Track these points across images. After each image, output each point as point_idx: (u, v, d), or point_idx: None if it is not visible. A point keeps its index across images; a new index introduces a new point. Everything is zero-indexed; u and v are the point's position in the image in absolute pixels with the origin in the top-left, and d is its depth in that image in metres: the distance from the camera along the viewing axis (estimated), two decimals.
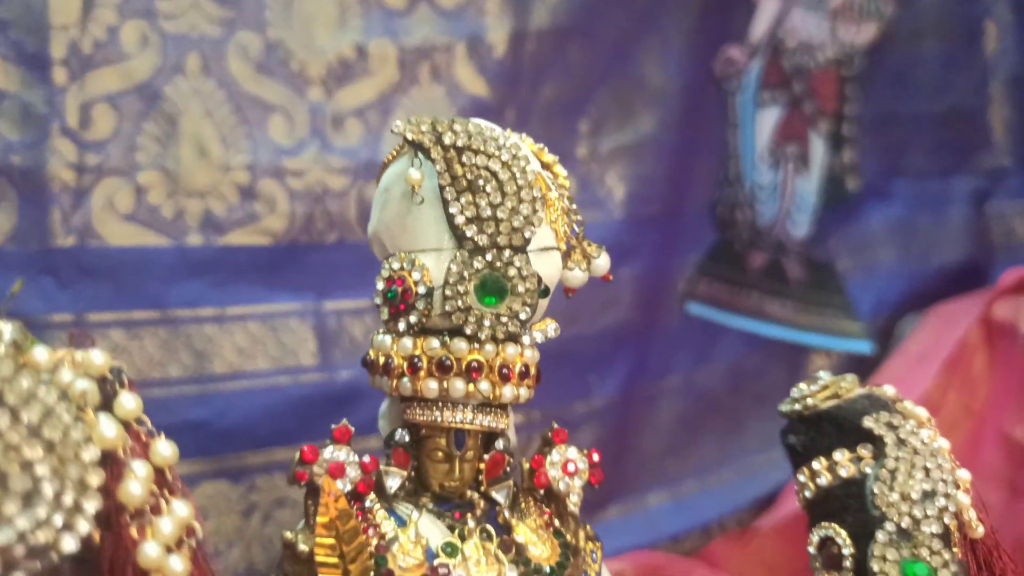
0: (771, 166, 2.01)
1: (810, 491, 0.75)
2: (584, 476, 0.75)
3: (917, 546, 0.68)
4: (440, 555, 0.68)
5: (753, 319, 1.99)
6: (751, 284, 1.99)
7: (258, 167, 1.47)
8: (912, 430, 0.73)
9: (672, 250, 1.89)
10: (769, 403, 2.07)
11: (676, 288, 1.91)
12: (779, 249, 2.03)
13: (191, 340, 1.44)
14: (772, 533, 1.77)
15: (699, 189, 1.92)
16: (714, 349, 1.95)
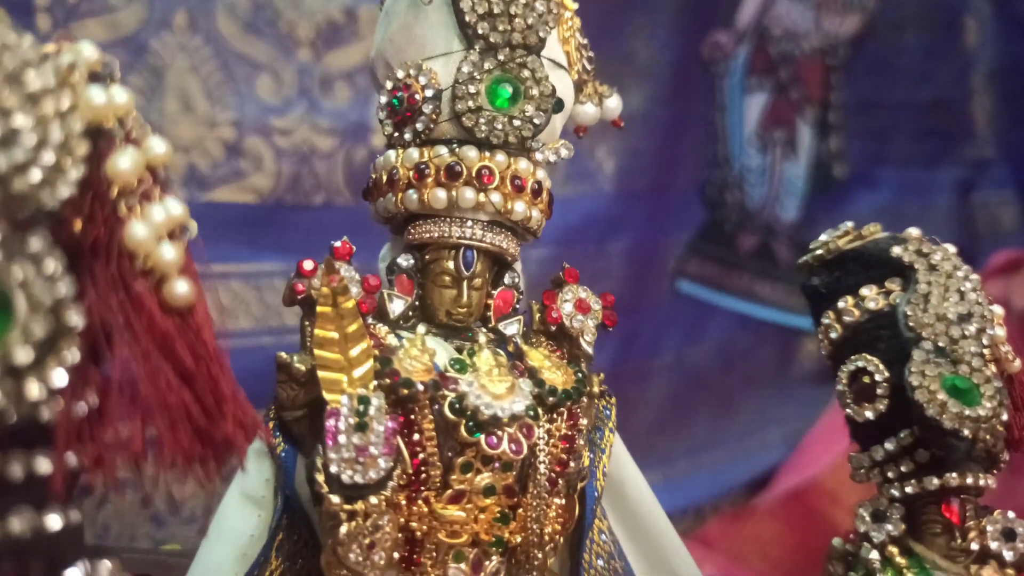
0: (759, 150, 2.01)
1: (836, 332, 0.71)
2: (598, 317, 0.71)
3: (956, 363, 0.64)
4: (448, 370, 0.63)
5: (744, 300, 1.97)
6: (741, 265, 1.97)
7: (244, 124, 1.44)
8: (944, 257, 0.69)
9: (662, 227, 1.88)
10: (760, 385, 2.05)
11: (666, 265, 1.88)
12: (769, 232, 2.02)
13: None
14: (767, 514, 1.72)
15: (688, 168, 1.91)
16: (705, 329, 1.92)
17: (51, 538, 0.38)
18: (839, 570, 0.66)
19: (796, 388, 2.00)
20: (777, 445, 1.91)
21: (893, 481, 0.65)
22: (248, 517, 0.66)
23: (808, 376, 2.02)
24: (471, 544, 0.63)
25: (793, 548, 1.65)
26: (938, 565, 0.63)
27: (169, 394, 0.40)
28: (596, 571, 0.73)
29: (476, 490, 0.62)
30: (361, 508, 0.57)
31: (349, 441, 0.56)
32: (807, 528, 1.62)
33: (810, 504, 1.69)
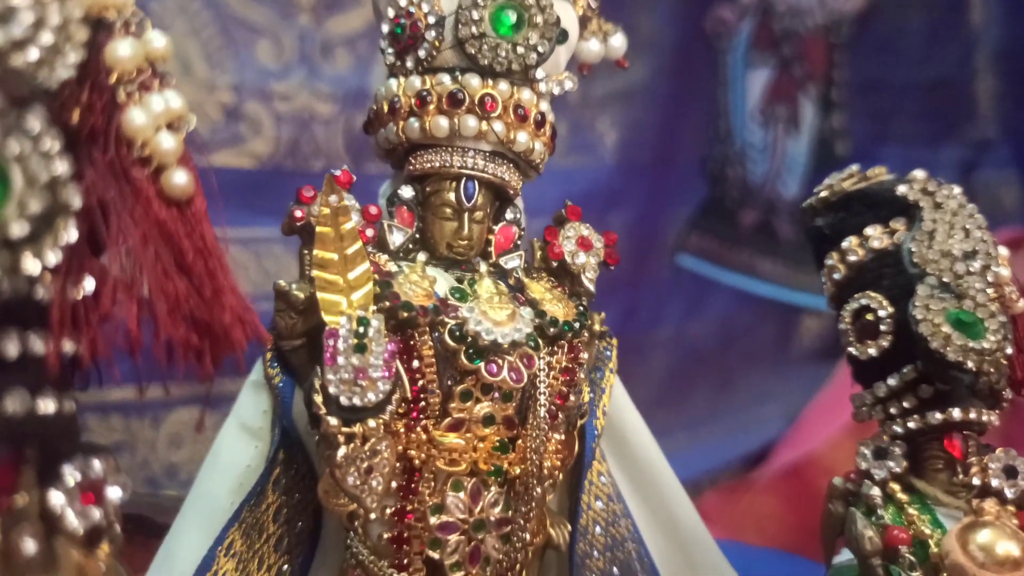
0: (761, 125, 2.00)
1: (840, 273, 0.70)
2: (600, 254, 0.70)
3: (961, 297, 0.64)
4: (449, 299, 0.62)
5: (744, 275, 1.97)
6: (742, 241, 1.96)
7: (244, 88, 1.43)
8: (949, 195, 0.69)
9: (663, 201, 1.87)
10: (759, 361, 2.04)
11: (667, 240, 1.88)
12: (770, 208, 2.01)
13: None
14: (764, 488, 1.72)
15: (690, 143, 1.91)
16: (705, 304, 1.92)
17: (45, 423, 0.38)
18: (839, 508, 0.66)
19: (795, 365, 1.99)
20: (775, 421, 1.91)
21: (895, 417, 0.65)
22: (245, 448, 0.66)
23: (807, 353, 2.01)
24: (469, 474, 0.62)
25: (790, 523, 1.64)
26: (939, 500, 0.62)
27: (167, 282, 0.39)
28: (595, 512, 0.72)
29: (475, 419, 0.62)
30: (359, 431, 0.56)
31: (348, 362, 0.56)
32: (804, 503, 1.61)
33: (807, 479, 1.68)
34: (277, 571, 0.66)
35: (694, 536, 0.76)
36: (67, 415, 0.39)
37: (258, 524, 0.65)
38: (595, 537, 0.71)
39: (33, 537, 0.37)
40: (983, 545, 0.58)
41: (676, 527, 0.76)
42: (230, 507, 0.63)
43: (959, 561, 0.57)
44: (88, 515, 0.41)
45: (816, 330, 2.02)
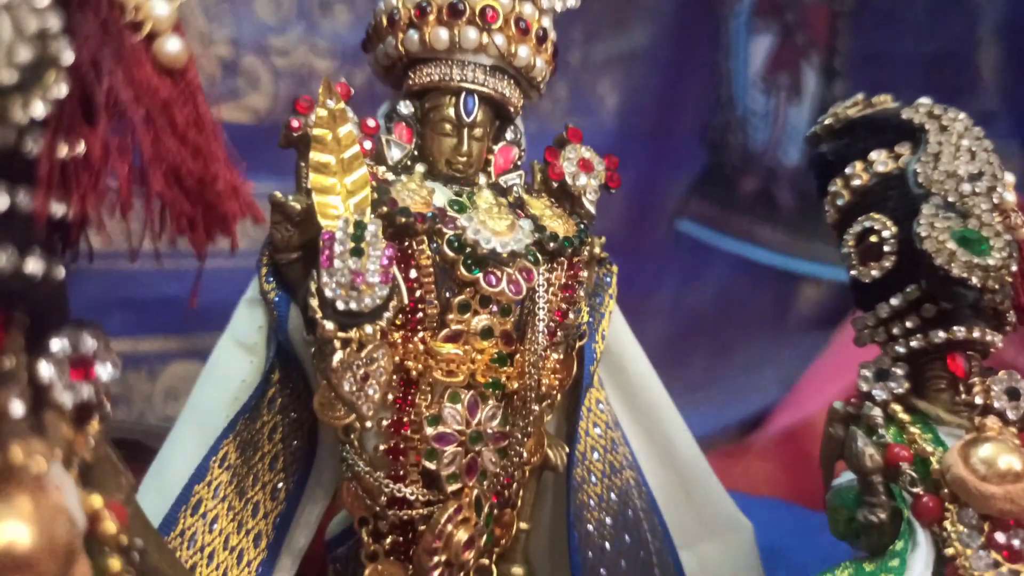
0: (763, 92, 1.99)
1: (843, 198, 0.69)
2: (600, 177, 0.70)
3: (966, 216, 0.63)
4: (448, 210, 0.61)
5: (744, 242, 1.96)
6: (742, 208, 1.96)
7: (241, 43, 1.42)
8: (955, 118, 0.68)
9: (663, 166, 1.86)
10: (757, 328, 2.03)
11: (667, 204, 1.87)
12: (770, 176, 2.00)
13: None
14: (760, 453, 1.72)
15: (691, 109, 1.89)
16: (704, 270, 1.91)
17: (32, 285, 0.37)
18: (839, 431, 0.65)
19: (793, 333, 1.99)
20: (772, 387, 1.90)
21: (897, 338, 0.64)
22: (240, 362, 0.65)
23: (805, 321, 2.01)
24: (467, 387, 0.61)
25: (785, 487, 1.64)
26: (942, 419, 0.62)
27: (159, 146, 0.38)
28: (592, 439, 0.72)
29: (473, 332, 0.61)
30: (355, 337, 0.55)
31: (344, 266, 0.55)
32: (799, 468, 1.61)
33: (803, 445, 1.68)
34: (272, 489, 0.65)
35: (691, 465, 0.76)
36: (56, 282, 0.38)
37: (253, 441, 0.64)
38: (593, 463, 0.71)
39: (21, 399, 0.36)
40: (985, 458, 0.57)
41: (673, 455, 0.76)
42: (224, 420, 0.63)
43: (961, 474, 0.57)
44: (77, 390, 0.40)
45: (814, 298, 2.01)
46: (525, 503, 0.69)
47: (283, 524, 0.65)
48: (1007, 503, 0.56)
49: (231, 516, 0.62)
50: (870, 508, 0.60)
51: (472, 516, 0.60)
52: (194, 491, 0.60)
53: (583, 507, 0.69)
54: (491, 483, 0.62)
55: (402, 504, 0.60)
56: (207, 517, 0.61)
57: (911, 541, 0.58)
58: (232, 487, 0.62)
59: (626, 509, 0.72)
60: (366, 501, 0.60)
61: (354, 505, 0.61)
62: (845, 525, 0.63)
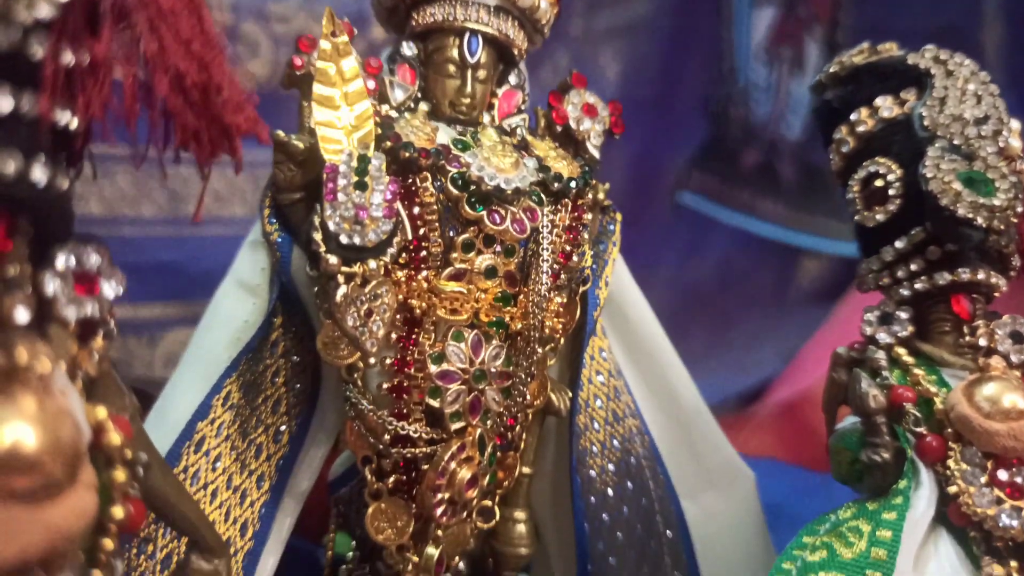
0: (765, 65, 1.98)
1: (848, 145, 0.69)
2: (605, 122, 0.69)
3: (971, 159, 0.63)
4: (452, 149, 0.61)
5: (745, 215, 1.95)
6: (743, 181, 1.95)
7: (241, 8, 1.41)
8: (961, 63, 0.68)
9: (665, 138, 1.85)
10: (758, 302, 2.03)
11: (668, 176, 1.86)
12: (772, 149, 2.00)
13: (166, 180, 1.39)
14: (760, 425, 1.72)
15: (693, 80, 1.88)
16: (705, 243, 1.91)
17: (37, 192, 0.37)
18: (842, 376, 0.65)
19: (793, 307, 1.99)
20: (772, 360, 1.90)
21: (902, 281, 0.64)
22: (243, 303, 0.65)
23: (806, 295, 2.01)
24: (470, 326, 0.61)
25: (784, 458, 1.64)
26: (945, 360, 0.61)
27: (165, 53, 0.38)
28: (595, 387, 0.72)
29: (477, 271, 0.61)
30: (359, 271, 0.55)
31: (348, 199, 0.55)
32: (797, 441, 1.61)
33: (801, 418, 1.68)
34: (275, 431, 0.65)
35: (694, 414, 0.76)
36: (60, 191, 0.38)
37: (256, 383, 0.64)
38: (595, 411, 0.71)
39: (25, 306, 0.36)
40: (989, 396, 0.57)
41: (676, 404, 0.76)
42: (227, 360, 0.62)
43: (965, 412, 0.57)
44: (82, 304, 0.40)
45: (815, 272, 2.01)
46: (528, 447, 0.69)
47: (286, 467, 0.65)
48: (1011, 440, 0.56)
49: (234, 456, 0.62)
50: (873, 448, 0.60)
51: (475, 455, 0.60)
52: (197, 428, 0.60)
53: (586, 453, 0.70)
54: (494, 423, 0.61)
55: (405, 442, 0.60)
56: (210, 455, 0.61)
57: (914, 480, 0.58)
58: (235, 427, 0.62)
59: (628, 456, 0.72)
60: (369, 440, 0.60)
61: (357, 444, 0.61)
62: (848, 467, 0.63)
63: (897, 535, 0.55)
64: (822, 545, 0.57)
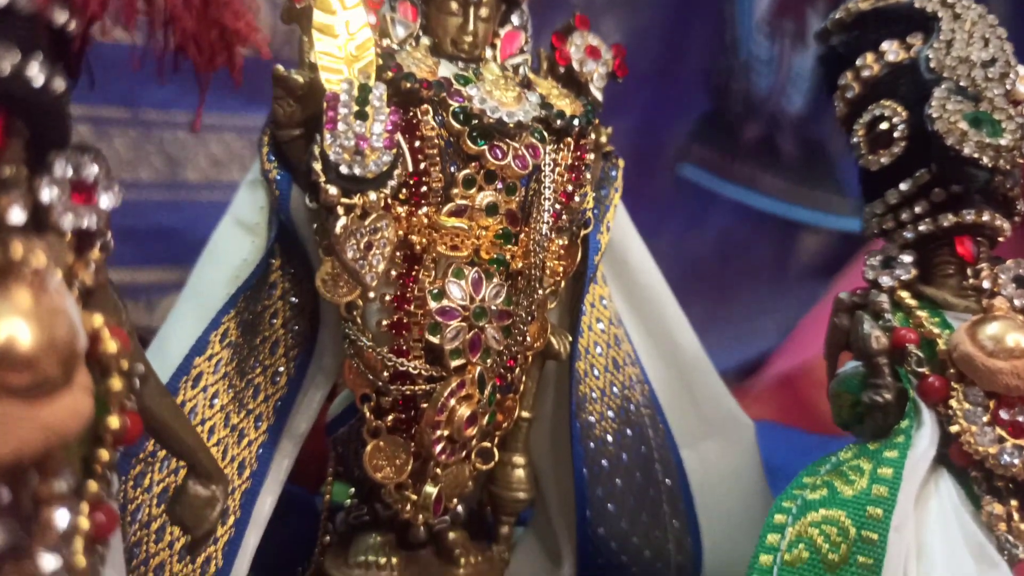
0: (768, 38, 1.96)
1: (853, 90, 0.68)
2: (608, 64, 0.69)
3: (978, 100, 0.62)
4: (454, 84, 0.60)
5: (745, 188, 1.95)
6: (744, 155, 1.94)
7: None
8: (968, 6, 0.67)
9: (666, 110, 1.84)
10: (757, 276, 2.03)
11: (669, 149, 1.86)
12: (773, 123, 1.98)
13: (163, 144, 1.38)
14: (757, 398, 1.72)
15: (695, 52, 1.87)
16: (705, 217, 1.90)
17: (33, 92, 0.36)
18: (844, 321, 0.64)
19: (792, 281, 1.99)
20: (771, 334, 1.90)
21: (906, 224, 0.63)
22: (241, 242, 0.64)
23: (805, 270, 2.00)
24: (471, 263, 0.61)
25: None
26: (949, 302, 0.61)
27: None
28: (595, 334, 0.71)
29: (478, 207, 0.60)
30: (359, 203, 0.54)
31: (349, 128, 0.54)
32: (795, 414, 1.61)
33: (799, 391, 1.68)
34: (273, 373, 0.65)
35: (693, 362, 0.76)
36: (57, 94, 0.37)
37: (253, 324, 0.64)
38: (595, 357, 0.71)
39: (20, 206, 0.35)
40: (993, 335, 0.56)
41: (676, 353, 0.75)
42: (225, 297, 0.62)
43: (968, 351, 0.56)
44: (78, 214, 0.39)
45: (814, 247, 2.00)
46: (527, 391, 0.69)
47: (284, 408, 0.65)
48: (1014, 378, 0.55)
49: (232, 394, 0.62)
50: (875, 389, 0.60)
51: (475, 393, 0.60)
52: (195, 363, 0.60)
53: (585, 399, 0.69)
54: (494, 362, 0.61)
55: (405, 379, 0.60)
56: (208, 392, 0.60)
57: (916, 420, 0.58)
58: (233, 366, 0.62)
59: (628, 404, 0.72)
60: (368, 377, 0.60)
61: (356, 382, 0.61)
62: (848, 411, 0.63)
63: (898, 472, 0.55)
64: (823, 484, 0.57)
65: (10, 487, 0.34)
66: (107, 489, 0.40)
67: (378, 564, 0.62)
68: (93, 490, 0.39)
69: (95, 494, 0.39)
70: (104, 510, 0.39)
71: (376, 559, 0.63)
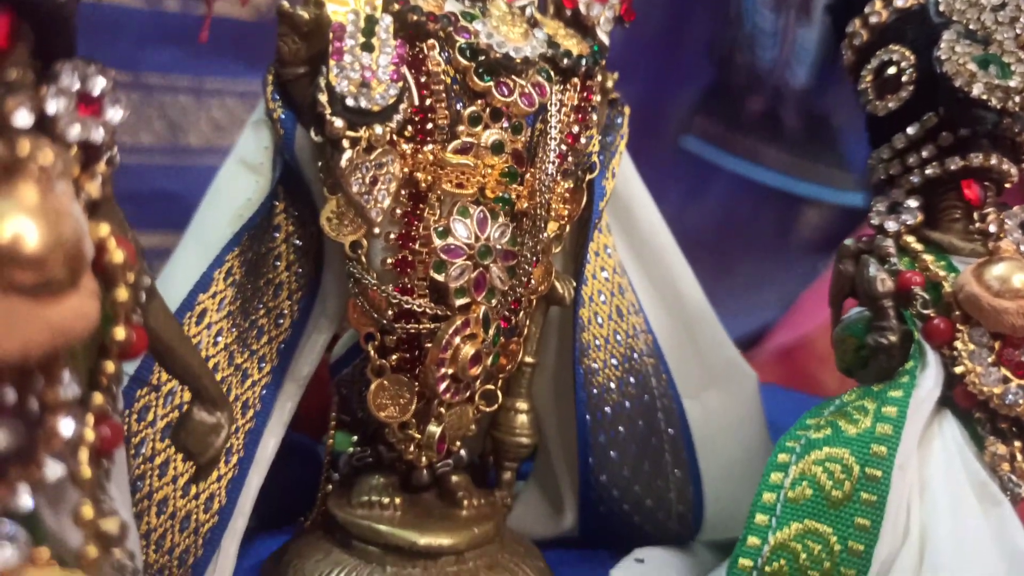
0: (772, 10, 1.95)
1: (861, 38, 0.68)
2: (615, 9, 0.68)
3: (987, 43, 0.62)
4: (460, 19, 0.60)
5: (748, 161, 1.94)
6: (747, 127, 1.93)
7: None
8: None
9: (669, 80, 1.84)
10: (758, 249, 2.02)
11: (671, 120, 1.85)
12: (777, 96, 1.98)
13: (165, 109, 1.37)
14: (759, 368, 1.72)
15: (699, 22, 1.86)
16: (706, 189, 1.90)
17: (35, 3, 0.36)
18: (849, 268, 0.64)
19: (794, 255, 1.98)
20: (771, 306, 1.90)
21: (913, 168, 0.63)
22: (245, 182, 0.64)
23: (806, 244, 2.00)
24: (476, 202, 0.60)
25: None
26: (955, 246, 0.61)
27: None
28: (599, 282, 0.71)
29: (484, 145, 0.60)
30: (365, 136, 0.54)
31: (356, 60, 0.54)
32: (795, 386, 1.62)
33: (800, 364, 1.69)
34: (277, 315, 0.64)
35: (697, 312, 0.76)
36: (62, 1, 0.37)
37: (257, 265, 0.63)
38: (599, 306, 0.70)
39: (26, 108, 0.35)
40: (999, 276, 0.56)
41: (679, 303, 0.75)
42: (229, 235, 0.62)
43: (974, 291, 0.56)
44: (85, 125, 0.39)
45: (816, 221, 2.00)
46: (531, 337, 0.69)
47: (287, 351, 0.65)
48: (1019, 318, 0.55)
49: (236, 333, 0.62)
50: (880, 332, 0.60)
51: (479, 333, 0.60)
52: (198, 300, 0.60)
53: (588, 346, 0.69)
54: (499, 302, 0.61)
55: (409, 317, 0.59)
56: (212, 329, 0.60)
57: (921, 361, 0.58)
58: (236, 305, 0.62)
59: (632, 353, 0.72)
60: (372, 315, 0.60)
61: (360, 321, 0.61)
62: (852, 355, 0.63)
63: (903, 412, 0.55)
64: (826, 424, 0.57)
65: (16, 389, 0.34)
66: (113, 404, 0.40)
67: (381, 504, 0.62)
68: (99, 402, 0.39)
69: (100, 406, 0.39)
70: (110, 424, 0.39)
71: (379, 499, 0.63)
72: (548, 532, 0.75)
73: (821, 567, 0.51)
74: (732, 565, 0.53)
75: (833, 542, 0.52)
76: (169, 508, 0.57)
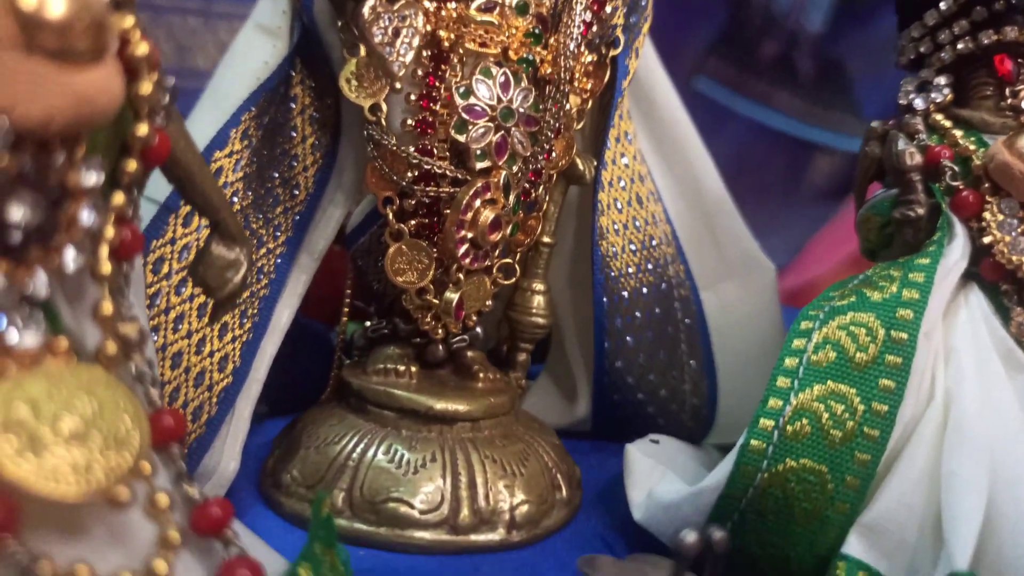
0: None
1: None
2: None
3: None
4: None
5: (760, 105, 1.92)
6: (761, 71, 1.91)
7: None
8: None
9: (683, 19, 1.81)
10: (769, 194, 2.01)
11: (684, 60, 1.83)
12: (791, 42, 1.95)
13: (173, 30, 1.35)
14: None
15: None
16: (719, 132, 1.87)
17: None
18: (875, 150, 0.63)
19: (804, 201, 1.97)
20: (780, 252, 1.87)
21: (944, 46, 0.62)
22: (262, 45, 0.63)
23: (817, 191, 1.99)
24: (498, 64, 0.59)
25: None
26: (986, 122, 0.60)
27: None
28: (619, 168, 0.70)
29: (509, 5, 0.58)
30: None
31: None
32: None
33: None
34: (292, 186, 0.63)
35: (716, 203, 0.75)
36: None
37: (274, 134, 0.62)
38: (619, 191, 0.69)
39: None
40: None
41: (699, 193, 0.75)
42: (246, 96, 0.60)
43: (1005, 159, 0.55)
44: None
45: (827, 168, 1.99)
46: (550, 215, 0.68)
47: (302, 223, 0.64)
48: None
49: (251, 198, 0.61)
50: (907, 205, 0.59)
51: (500, 198, 0.59)
52: (215, 157, 0.59)
53: (607, 230, 0.68)
54: (520, 169, 0.60)
55: (429, 180, 0.58)
56: (228, 189, 0.59)
57: (949, 233, 0.57)
58: (252, 169, 0.60)
59: (650, 240, 0.71)
60: (392, 178, 0.58)
61: (379, 185, 0.60)
62: (877, 233, 0.62)
63: (930, 277, 0.54)
64: (851, 292, 0.56)
65: (36, 162, 0.33)
66: (133, 207, 0.39)
67: (397, 371, 0.62)
68: (119, 202, 0.38)
69: (121, 206, 0.38)
70: (130, 228, 0.38)
71: (395, 367, 0.62)
72: (562, 421, 0.74)
73: (844, 427, 0.51)
74: (753, 426, 0.53)
75: (856, 403, 0.51)
76: (183, 363, 0.56)
